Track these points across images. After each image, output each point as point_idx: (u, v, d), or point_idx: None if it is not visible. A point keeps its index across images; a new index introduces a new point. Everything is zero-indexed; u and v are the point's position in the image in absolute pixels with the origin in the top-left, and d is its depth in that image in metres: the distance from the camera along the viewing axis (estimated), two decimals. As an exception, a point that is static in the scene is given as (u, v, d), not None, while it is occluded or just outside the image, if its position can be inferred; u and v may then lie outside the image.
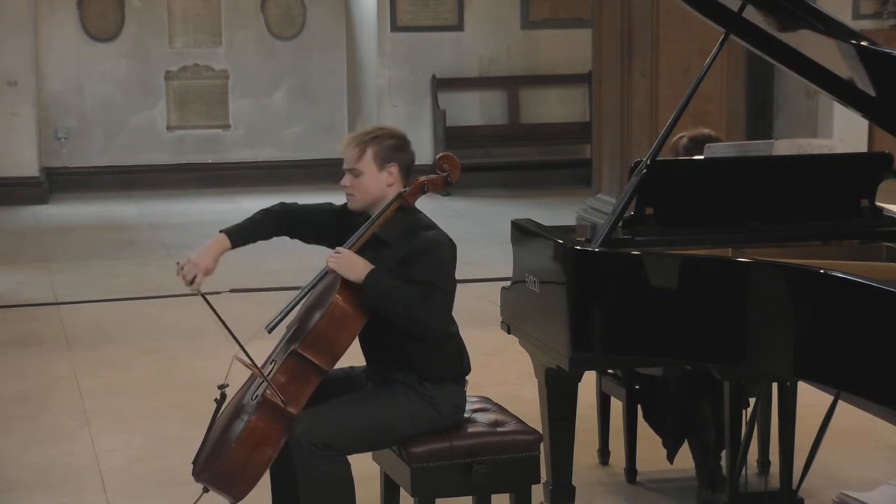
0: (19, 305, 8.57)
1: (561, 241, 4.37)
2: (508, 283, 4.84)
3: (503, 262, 5.57)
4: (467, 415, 4.26)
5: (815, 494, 4.92)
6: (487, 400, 4.45)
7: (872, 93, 4.24)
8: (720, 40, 4.55)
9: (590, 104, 12.43)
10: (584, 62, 12.47)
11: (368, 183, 4.17)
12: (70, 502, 5.16)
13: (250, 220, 4.35)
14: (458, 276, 4.17)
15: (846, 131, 11.19)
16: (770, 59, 4.58)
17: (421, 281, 4.03)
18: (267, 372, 4.06)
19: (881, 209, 4.69)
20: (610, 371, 5.19)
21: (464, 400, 4.24)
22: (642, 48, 9.57)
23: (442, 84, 13.66)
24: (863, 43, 4.06)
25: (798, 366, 3.90)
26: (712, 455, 4.81)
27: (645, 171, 4.40)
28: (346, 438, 4.04)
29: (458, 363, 4.23)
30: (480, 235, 10.56)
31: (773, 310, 3.91)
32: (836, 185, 4.69)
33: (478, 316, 6.41)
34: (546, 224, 4.74)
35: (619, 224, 4.42)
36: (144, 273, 9.49)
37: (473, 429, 4.19)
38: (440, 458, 4.09)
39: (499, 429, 4.21)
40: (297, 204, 4.41)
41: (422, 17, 13.65)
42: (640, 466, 5.19)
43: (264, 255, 9.88)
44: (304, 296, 4.21)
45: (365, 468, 4.36)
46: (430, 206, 4.38)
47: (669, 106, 6.96)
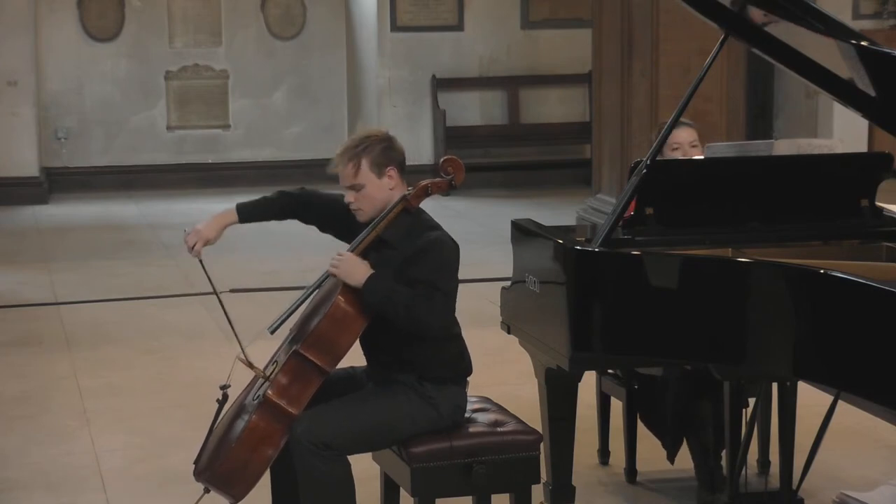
0: (19, 305, 8.57)
1: (561, 241, 4.37)
2: (508, 283, 4.84)
3: (503, 262, 5.57)
4: (467, 415, 4.26)
5: (815, 494, 4.92)
6: (487, 400, 4.45)
7: (872, 93, 4.23)
8: (720, 40, 4.54)
9: (590, 104, 12.42)
10: (584, 62, 12.46)
11: (372, 193, 4.16)
12: (70, 502, 5.16)
13: (266, 198, 4.38)
14: (459, 276, 4.16)
15: (846, 131, 11.17)
16: (770, 59, 4.58)
17: (423, 280, 4.03)
18: (269, 372, 4.07)
19: (881, 209, 4.68)
20: (610, 371, 5.19)
21: (464, 400, 4.23)
22: (642, 48, 9.56)
23: (442, 84, 13.65)
24: (863, 43, 4.05)
25: (798, 366, 3.90)
26: (712, 455, 4.81)
27: (645, 171, 4.40)
28: (347, 438, 4.04)
29: (460, 364, 4.22)
30: (480, 235, 10.54)
31: (773, 310, 3.91)
32: (836, 185, 4.69)
33: (478, 316, 6.40)
34: (546, 224, 4.74)
35: (619, 224, 4.42)
36: (144, 273, 9.49)
37: (473, 429, 4.19)
38: (440, 458, 4.09)
39: (499, 429, 4.20)
40: (318, 192, 4.41)
41: (422, 17, 13.64)
42: (640, 466, 5.19)
43: (265, 255, 9.91)
44: (308, 297, 4.21)
45: (365, 468, 4.36)
46: (430, 206, 4.36)
47: (669, 106, 6.94)
